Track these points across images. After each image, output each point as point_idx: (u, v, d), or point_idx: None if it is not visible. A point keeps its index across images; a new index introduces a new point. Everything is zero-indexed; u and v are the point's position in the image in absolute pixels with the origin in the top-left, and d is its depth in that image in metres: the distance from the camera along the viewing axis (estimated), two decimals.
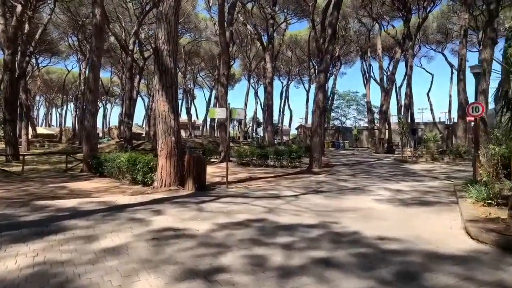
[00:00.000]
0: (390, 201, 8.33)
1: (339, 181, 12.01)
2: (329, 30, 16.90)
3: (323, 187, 10.54)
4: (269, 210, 7.04)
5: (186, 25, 45.02)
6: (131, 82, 29.94)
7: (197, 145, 29.89)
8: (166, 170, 9.60)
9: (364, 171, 15.69)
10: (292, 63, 58.33)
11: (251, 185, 10.93)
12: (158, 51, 9.50)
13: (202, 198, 8.36)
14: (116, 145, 32.45)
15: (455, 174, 14.16)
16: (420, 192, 9.71)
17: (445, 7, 43.47)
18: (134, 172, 11.25)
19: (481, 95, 17.66)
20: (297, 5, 41.28)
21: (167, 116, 9.50)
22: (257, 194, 9.05)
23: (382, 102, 33.59)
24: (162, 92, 9.44)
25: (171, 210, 6.98)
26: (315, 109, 16.68)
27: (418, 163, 19.88)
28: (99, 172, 14.09)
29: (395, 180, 12.39)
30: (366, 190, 9.95)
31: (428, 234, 5.39)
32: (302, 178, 12.84)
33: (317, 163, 16.23)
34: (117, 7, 38.25)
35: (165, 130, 9.53)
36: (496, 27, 17.51)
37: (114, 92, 72.79)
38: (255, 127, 69.72)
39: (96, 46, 15.27)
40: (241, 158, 19.38)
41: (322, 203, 7.89)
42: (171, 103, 9.51)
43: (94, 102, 15.32)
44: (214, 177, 13.19)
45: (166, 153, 9.56)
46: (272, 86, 28.13)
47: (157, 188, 9.65)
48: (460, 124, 25.96)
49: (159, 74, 9.45)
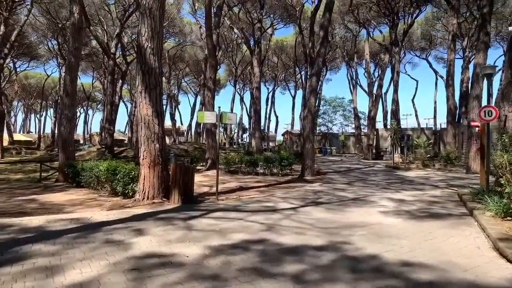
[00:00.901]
0: (397, 213, 7.59)
1: (337, 190, 11.24)
2: (321, 33, 16.26)
3: (321, 197, 9.74)
4: (268, 228, 6.18)
5: (171, 29, 44.04)
6: (113, 86, 28.73)
7: (182, 152, 28.80)
8: (149, 180, 8.64)
9: (359, 179, 15.00)
10: (278, 69, 57.91)
11: (243, 196, 10.04)
12: (141, 48, 8.58)
13: (190, 213, 7.43)
14: (97, 152, 31.06)
15: (454, 182, 13.60)
16: (425, 202, 9.01)
17: (430, 14, 43.83)
18: (114, 182, 10.24)
19: (475, 100, 17.31)
20: (283, 10, 40.85)
21: (150, 121, 8.56)
22: (251, 207, 8.17)
23: (370, 108, 33.27)
24: (145, 94, 8.50)
25: (155, 229, 6.04)
26: (306, 114, 15.96)
27: (411, 170, 19.36)
28: (76, 182, 12.99)
29: (394, 188, 11.71)
30: (368, 201, 9.20)
31: (458, 257, 4.63)
32: (296, 187, 12.02)
33: (309, 170, 15.47)
34: (99, 10, 37.08)
35: (148, 136, 8.59)
36: (489, 30, 17.22)
37: (96, 98, 70.95)
38: (241, 133, 68.89)
39: (74, 47, 14.20)
40: (229, 166, 18.47)
41: (325, 218, 7.07)
42: (155, 106, 8.58)
43: (71, 106, 14.21)
44: (201, 186, 12.25)
45: (149, 162, 8.61)
46: (259, 91, 27.39)
47: (139, 200, 8.66)
48: (449, 130, 25.69)
49: (142, 74, 8.52)
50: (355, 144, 44.23)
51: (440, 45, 50.72)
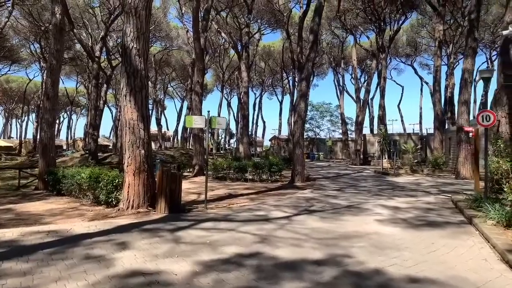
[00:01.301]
0: (393, 221, 7.31)
1: (329, 197, 10.93)
2: (310, 37, 16.06)
3: (314, 205, 9.41)
4: (262, 239, 5.80)
5: (157, 33, 43.44)
6: (97, 91, 28.02)
7: (168, 157, 28.20)
8: (134, 188, 8.17)
9: (349, 185, 14.76)
10: (265, 74, 57.81)
11: (233, 204, 9.64)
12: (126, 49, 8.14)
13: (178, 223, 6.99)
14: (81, 158, 30.20)
15: (445, 188, 13.46)
16: (420, 209, 8.78)
17: (415, 21, 44.37)
18: (97, 190, 9.71)
19: (463, 106, 17.32)
20: (271, 15, 40.74)
21: (135, 125, 8.10)
22: (242, 217, 7.78)
23: (358, 113, 33.31)
24: (130, 97, 8.06)
25: (140, 242, 5.59)
26: (296, 119, 15.69)
27: (401, 176, 19.25)
28: (57, 190, 12.35)
29: (386, 195, 11.47)
30: (362, 209, 8.91)
31: (466, 271, 4.34)
32: (288, 194, 11.67)
33: (299, 176, 15.17)
34: (83, 13, 36.32)
35: (133, 141, 8.13)
36: (477, 36, 17.30)
37: (80, 103, 69.58)
38: (228, 138, 68.42)
39: (56, 48, 13.63)
40: (217, 172, 18.04)
41: (321, 227, 6.73)
42: (140, 110, 8.14)
43: (52, 110, 13.60)
44: (189, 194, 11.80)
45: (134, 169, 8.14)
46: (248, 95, 27.06)
47: (123, 210, 8.18)
48: (436, 136, 25.78)
49: (127, 76, 8.08)
50: (342, 149, 44.26)
51: (424, 52, 51.45)
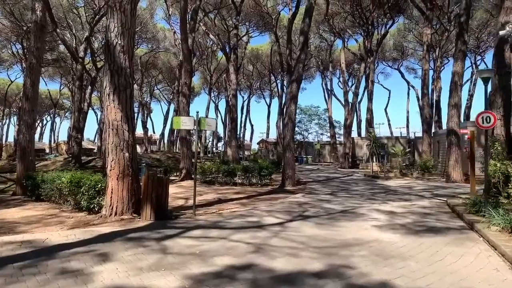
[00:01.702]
0: (392, 227, 6.99)
1: (322, 202, 10.58)
2: (301, 38, 15.80)
3: (308, 210, 9.04)
4: (256, 249, 5.38)
5: (144, 35, 42.77)
6: (81, 92, 27.22)
7: (154, 161, 27.54)
8: (118, 194, 7.66)
9: (341, 189, 14.46)
10: (253, 77, 57.53)
11: (223, 209, 9.20)
12: (110, 46, 7.65)
13: (165, 231, 6.52)
14: (64, 161, 29.27)
15: (438, 192, 13.28)
16: (417, 214, 8.49)
17: (402, 25, 44.74)
18: (78, 196, 9.15)
19: (453, 109, 17.25)
20: (259, 18, 40.48)
21: (119, 127, 7.61)
22: (234, 223, 7.34)
23: (346, 117, 33.24)
24: (114, 96, 7.56)
25: (123, 253, 5.11)
26: (287, 122, 15.35)
27: (391, 179, 19.08)
28: (36, 195, 11.70)
29: (380, 199, 11.19)
30: (357, 214, 8.58)
31: (480, 283, 4.02)
32: (279, 199, 11.28)
33: (290, 180, 14.81)
34: (67, 13, 35.44)
35: (116, 144, 7.62)
36: (466, 39, 17.29)
37: (64, 105, 68.07)
38: (216, 141, 67.82)
39: (36, 47, 13.00)
40: (205, 176, 17.56)
41: (318, 235, 6.36)
42: (124, 110, 7.65)
43: (31, 112, 12.94)
44: (176, 199, 11.31)
45: (117, 173, 7.64)
46: (236, 98, 26.66)
47: (106, 217, 7.65)
48: (425, 139, 25.80)
49: (110, 74, 7.58)
50: (331, 152, 44.21)
51: (411, 56, 51.99)
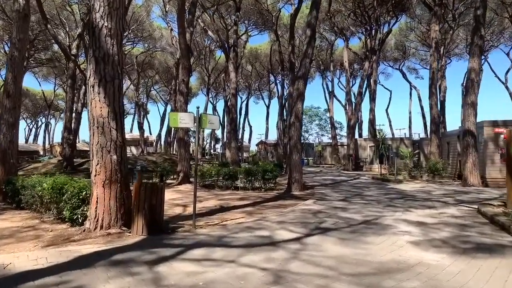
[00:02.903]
0: (432, 244, 5.85)
1: (337, 210, 9.41)
2: (308, 31, 14.65)
3: (325, 221, 7.86)
4: (275, 278, 4.20)
5: (140, 33, 41.59)
6: (73, 91, 25.97)
7: (150, 163, 26.31)
8: (104, 203, 6.47)
9: (353, 194, 13.29)
10: (252, 78, 56.40)
11: (227, 219, 8.01)
12: (94, 28, 6.46)
13: (160, 250, 5.33)
14: (56, 164, 27.96)
15: (460, 197, 12.13)
16: (452, 226, 7.34)
17: (403, 24, 43.81)
18: (61, 204, 7.95)
19: (470, 108, 16.16)
20: (258, 16, 39.38)
21: (105, 124, 6.41)
22: (242, 239, 6.16)
23: (350, 117, 32.17)
24: (99, 88, 6.37)
25: (105, 286, 3.93)
26: (293, 122, 14.20)
27: (402, 183, 17.93)
28: (16, 202, 10.48)
29: (401, 206, 10.03)
30: (383, 225, 7.42)
31: None
32: (289, 206, 10.10)
33: (297, 184, 13.66)
34: (61, 11, 34.23)
35: (102, 144, 6.43)
36: (483, 33, 16.22)
37: (59, 106, 66.64)
38: (213, 143, 66.61)
39: (19, 38, 11.78)
40: (204, 179, 16.39)
41: (346, 255, 5.19)
42: (112, 104, 6.46)
43: (13, 109, 11.71)
44: (173, 206, 10.12)
45: (103, 179, 6.45)
46: (236, 97, 25.54)
47: (90, 231, 6.46)
48: (433, 140, 24.66)
49: (95, 62, 6.40)
50: (332, 154, 43.10)
51: (413, 56, 51.12)
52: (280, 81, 47.00)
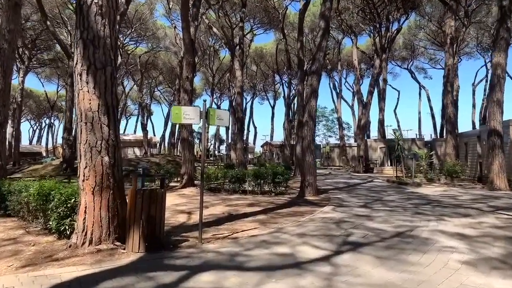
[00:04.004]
0: (490, 264, 4.80)
1: (361, 218, 8.31)
2: (321, 23, 13.58)
3: (352, 233, 6.77)
4: None
5: (143, 32, 40.72)
6: (73, 90, 25.00)
7: (153, 165, 25.33)
8: (94, 214, 5.44)
9: (372, 199, 12.17)
10: (257, 78, 55.38)
11: (238, 231, 6.94)
12: (82, 6, 5.42)
13: (158, 275, 4.28)
14: (57, 165, 27.07)
15: (492, 203, 10.97)
16: (501, 239, 6.24)
17: (412, 22, 42.67)
18: (48, 212, 6.94)
19: (496, 105, 15.00)
20: (264, 14, 38.43)
21: (95, 119, 5.38)
22: (258, 259, 5.09)
23: (360, 116, 31.02)
24: (88, 76, 5.35)
25: None
26: (306, 120, 13.11)
27: (422, 186, 16.76)
28: (3, 209, 9.49)
29: (431, 214, 8.90)
30: (420, 239, 6.32)
31: None
32: (305, 214, 9.02)
33: (311, 188, 12.57)
34: (63, 10, 33.45)
35: (91, 143, 5.40)
36: (510, 26, 15.07)
37: (62, 107, 65.97)
38: (218, 144, 65.68)
39: (8, 29, 10.83)
40: (209, 182, 15.34)
41: (392, 282, 4.12)
42: (103, 96, 5.42)
43: (2, 107, 10.74)
44: (176, 213, 9.09)
45: (92, 185, 5.42)
46: (242, 96, 24.51)
47: (77, 246, 5.43)
48: (449, 141, 23.47)
49: (83, 45, 5.37)
50: (340, 155, 41.90)
51: (421, 55, 49.93)
52: (286, 80, 45.97)
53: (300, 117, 24.22)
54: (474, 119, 48.91)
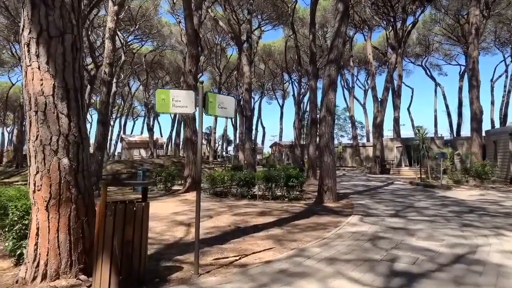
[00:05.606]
0: None
1: (399, 233, 6.68)
2: (340, 6, 11.99)
3: (396, 256, 5.16)
4: None
5: (148, 30, 39.42)
6: None
7: (157, 166, 23.95)
8: (49, 238, 3.95)
9: (402, 205, 10.51)
10: (265, 77, 53.80)
11: (247, 254, 5.38)
12: None
13: None
14: None
15: None
16: None
17: (427, 16, 40.78)
18: (5, 230, 5.49)
19: None
20: (272, 9, 36.95)
21: (50, 107, 3.88)
22: None
23: (376, 114, 29.28)
24: (38, 47, 3.86)
25: None
26: (324, 116, 11.52)
27: (451, 189, 15.04)
28: None
29: (483, 227, 7.24)
30: (492, 266, 4.71)
31: None
32: (328, 226, 7.42)
33: (330, 194, 10.98)
34: None
35: (44, 140, 3.90)
36: None
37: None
38: (225, 145, 64.24)
39: None
40: (215, 185, 13.86)
41: None
42: (60, 75, 3.91)
43: None
44: (174, 226, 7.59)
45: (47, 197, 3.92)
46: (250, 93, 22.95)
47: (27, 282, 3.95)
48: (475, 139, 21.64)
49: (31, 4, 3.88)
50: (353, 155, 40.12)
51: (435, 51, 47.96)
52: (295, 79, 44.36)
53: (312, 115, 22.67)
54: (493, 117, 46.66)
